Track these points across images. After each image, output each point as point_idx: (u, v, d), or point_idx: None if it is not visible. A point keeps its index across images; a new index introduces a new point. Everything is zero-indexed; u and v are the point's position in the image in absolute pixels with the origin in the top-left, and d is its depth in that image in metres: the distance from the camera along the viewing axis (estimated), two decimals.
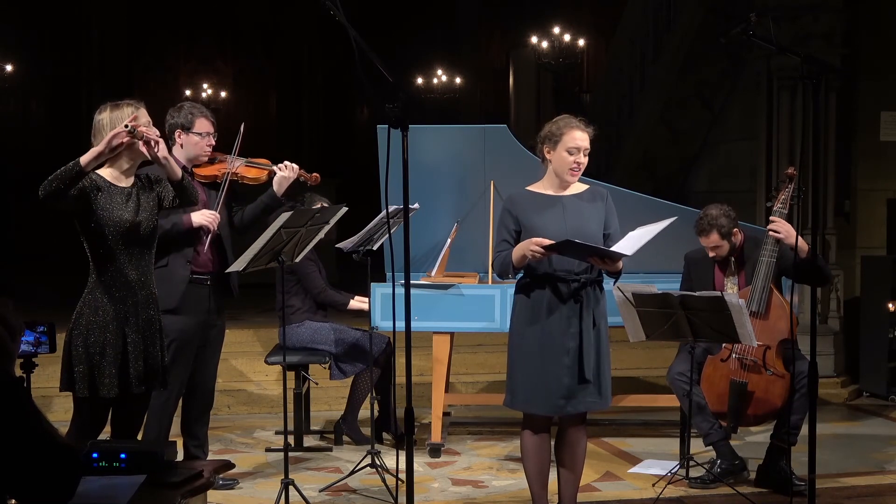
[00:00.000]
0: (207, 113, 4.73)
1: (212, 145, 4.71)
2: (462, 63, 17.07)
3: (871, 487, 5.01)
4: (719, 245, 4.96)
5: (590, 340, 3.94)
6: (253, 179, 4.78)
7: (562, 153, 3.96)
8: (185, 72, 18.28)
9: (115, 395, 3.80)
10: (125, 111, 3.82)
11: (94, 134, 3.84)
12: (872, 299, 7.27)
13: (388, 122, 3.42)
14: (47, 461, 2.18)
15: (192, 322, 4.59)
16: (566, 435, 4.12)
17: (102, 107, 3.88)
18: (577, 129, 3.97)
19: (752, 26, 3.82)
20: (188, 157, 4.67)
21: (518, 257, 3.92)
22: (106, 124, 3.80)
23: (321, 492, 4.86)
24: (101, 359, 3.76)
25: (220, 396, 6.60)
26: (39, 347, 3.97)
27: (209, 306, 4.66)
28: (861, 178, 7.88)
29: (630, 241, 3.89)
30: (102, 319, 3.77)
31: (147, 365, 3.87)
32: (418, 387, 5.73)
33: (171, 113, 4.70)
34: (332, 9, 3.49)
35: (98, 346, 3.76)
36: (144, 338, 3.86)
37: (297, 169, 4.80)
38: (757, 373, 4.83)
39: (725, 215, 4.93)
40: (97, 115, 3.86)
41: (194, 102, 4.83)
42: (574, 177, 4.00)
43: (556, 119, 4.06)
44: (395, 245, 4.02)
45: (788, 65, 7.27)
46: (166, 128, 4.67)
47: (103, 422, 3.90)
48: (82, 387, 3.76)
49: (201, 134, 4.65)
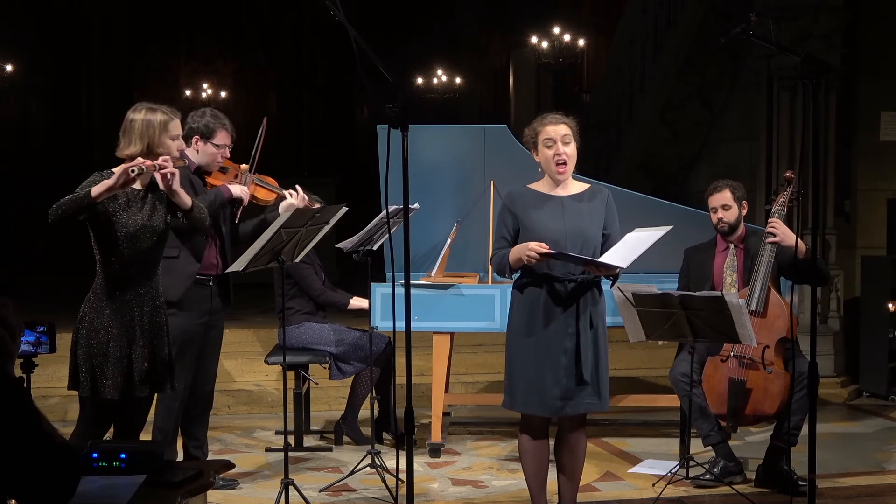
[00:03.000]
0: (229, 125, 4.73)
1: (227, 157, 4.74)
2: (462, 63, 17.07)
3: (871, 487, 5.00)
4: (729, 205, 5.00)
5: (587, 341, 3.94)
6: (262, 200, 4.84)
7: (543, 150, 3.98)
8: (185, 72, 18.28)
9: (117, 398, 3.80)
10: (159, 117, 3.85)
11: (124, 131, 3.86)
12: (872, 299, 7.27)
13: (388, 122, 3.42)
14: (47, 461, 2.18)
15: (195, 322, 4.59)
16: (566, 437, 4.12)
17: (138, 106, 3.90)
18: (549, 124, 3.99)
19: (752, 26, 3.82)
20: (201, 162, 4.70)
21: (515, 259, 3.93)
22: (138, 127, 3.83)
23: (321, 492, 4.86)
24: (103, 361, 3.76)
25: (220, 396, 6.62)
26: (39, 347, 3.97)
27: (211, 307, 4.67)
28: (861, 178, 7.89)
29: (625, 249, 3.88)
30: (107, 322, 3.77)
31: (153, 368, 3.87)
32: (418, 387, 5.74)
33: (192, 117, 4.71)
34: (332, 9, 3.49)
35: (101, 348, 3.76)
36: (151, 342, 3.86)
37: (307, 199, 4.86)
38: (756, 371, 4.84)
39: (737, 184, 5.08)
40: (131, 114, 3.88)
41: (217, 111, 4.80)
42: (562, 171, 3.97)
43: (532, 122, 4.09)
44: (395, 245, 4.02)
45: (788, 65, 7.27)
46: (185, 129, 4.67)
47: (108, 422, 3.91)
48: (86, 387, 3.78)
49: (219, 146, 4.68)
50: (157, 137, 3.84)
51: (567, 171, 4.00)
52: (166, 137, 3.87)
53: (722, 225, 5.05)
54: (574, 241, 3.92)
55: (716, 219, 5.06)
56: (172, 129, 3.89)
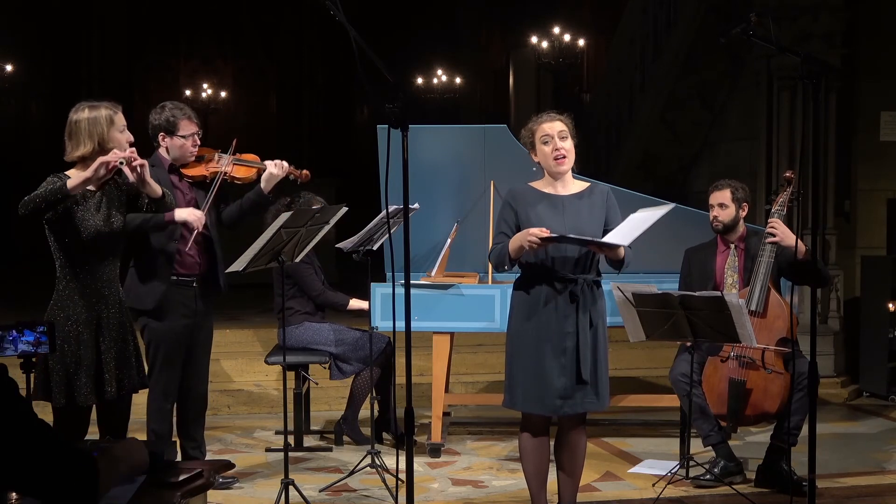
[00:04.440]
0: (190, 113, 4.62)
1: (197, 145, 4.62)
2: (462, 63, 17.07)
3: (871, 487, 5.00)
4: (726, 204, 5.02)
5: (586, 340, 3.94)
6: (243, 179, 4.68)
7: (540, 147, 3.99)
8: (185, 72, 18.29)
9: (92, 403, 3.78)
10: (102, 113, 3.78)
11: (70, 134, 3.79)
12: (872, 299, 7.27)
13: (388, 122, 3.41)
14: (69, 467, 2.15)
15: (179, 325, 4.53)
16: (566, 436, 4.12)
17: (79, 106, 3.83)
18: (544, 122, 4.00)
19: (752, 26, 3.82)
20: (174, 158, 4.60)
21: (515, 247, 3.91)
22: (84, 126, 3.76)
23: (321, 492, 4.86)
24: (76, 368, 3.72)
25: (220, 396, 6.63)
26: (39, 347, 3.96)
27: (196, 308, 4.59)
28: (861, 178, 7.89)
29: (626, 228, 3.88)
30: (74, 328, 3.74)
31: (123, 369, 3.84)
32: (418, 387, 5.74)
33: (152, 115, 4.61)
34: (332, 9, 3.48)
35: (73, 355, 3.72)
36: (117, 343, 3.83)
37: (287, 167, 4.71)
38: (756, 371, 4.84)
39: (741, 185, 5.09)
40: (74, 115, 3.81)
41: (176, 102, 4.68)
42: (560, 166, 3.97)
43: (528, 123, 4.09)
44: (395, 245, 4.01)
45: (788, 65, 7.27)
46: (149, 129, 4.61)
47: (85, 429, 3.87)
48: (59, 396, 3.73)
49: (185, 136, 4.57)
50: (105, 133, 3.77)
51: (566, 164, 3.99)
52: (115, 131, 3.80)
53: (717, 223, 5.06)
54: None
55: (711, 216, 5.08)
56: (119, 122, 3.82)
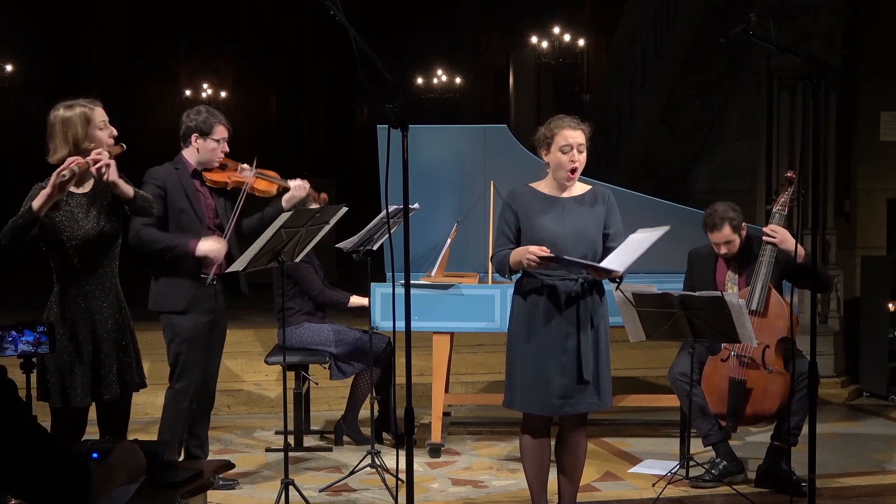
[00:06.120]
0: (225, 120, 4.73)
1: (226, 151, 4.74)
2: (462, 63, 17.07)
3: (871, 487, 5.00)
4: (731, 239, 4.93)
5: (588, 340, 3.94)
6: (264, 192, 4.81)
7: (556, 153, 3.95)
8: (185, 72, 18.29)
9: (88, 405, 3.77)
10: (77, 112, 3.73)
11: (49, 137, 3.75)
12: (872, 299, 7.27)
13: (388, 122, 3.41)
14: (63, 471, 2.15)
15: (202, 321, 4.60)
16: (566, 437, 4.12)
17: (56, 107, 3.78)
18: (568, 128, 3.95)
19: (752, 26, 3.82)
20: (201, 161, 4.68)
21: (515, 262, 3.93)
22: (59, 128, 3.72)
23: (321, 492, 4.86)
24: (71, 370, 3.72)
25: (220, 396, 6.60)
26: (39, 347, 3.97)
27: (215, 306, 4.67)
28: (861, 178, 7.89)
29: (624, 253, 3.87)
30: (70, 332, 3.74)
31: (121, 370, 3.84)
32: (418, 387, 5.74)
33: (189, 115, 4.70)
34: (332, 9, 3.48)
35: (68, 357, 3.72)
36: (116, 344, 3.83)
37: (309, 188, 4.86)
38: (756, 371, 4.83)
39: (733, 209, 4.95)
40: (50, 116, 3.76)
41: (211, 108, 4.81)
42: (571, 180, 3.99)
43: (548, 121, 4.06)
44: (395, 245, 4.02)
45: (788, 65, 7.27)
46: (182, 129, 4.68)
47: (81, 429, 3.87)
48: (56, 397, 3.73)
49: (218, 140, 4.67)
50: (81, 133, 3.73)
51: (576, 178, 4.00)
52: (93, 129, 3.75)
53: (727, 255, 5.01)
54: (575, 243, 3.92)
55: (719, 250, 5.01)
56: (97, 118, 3.77)
